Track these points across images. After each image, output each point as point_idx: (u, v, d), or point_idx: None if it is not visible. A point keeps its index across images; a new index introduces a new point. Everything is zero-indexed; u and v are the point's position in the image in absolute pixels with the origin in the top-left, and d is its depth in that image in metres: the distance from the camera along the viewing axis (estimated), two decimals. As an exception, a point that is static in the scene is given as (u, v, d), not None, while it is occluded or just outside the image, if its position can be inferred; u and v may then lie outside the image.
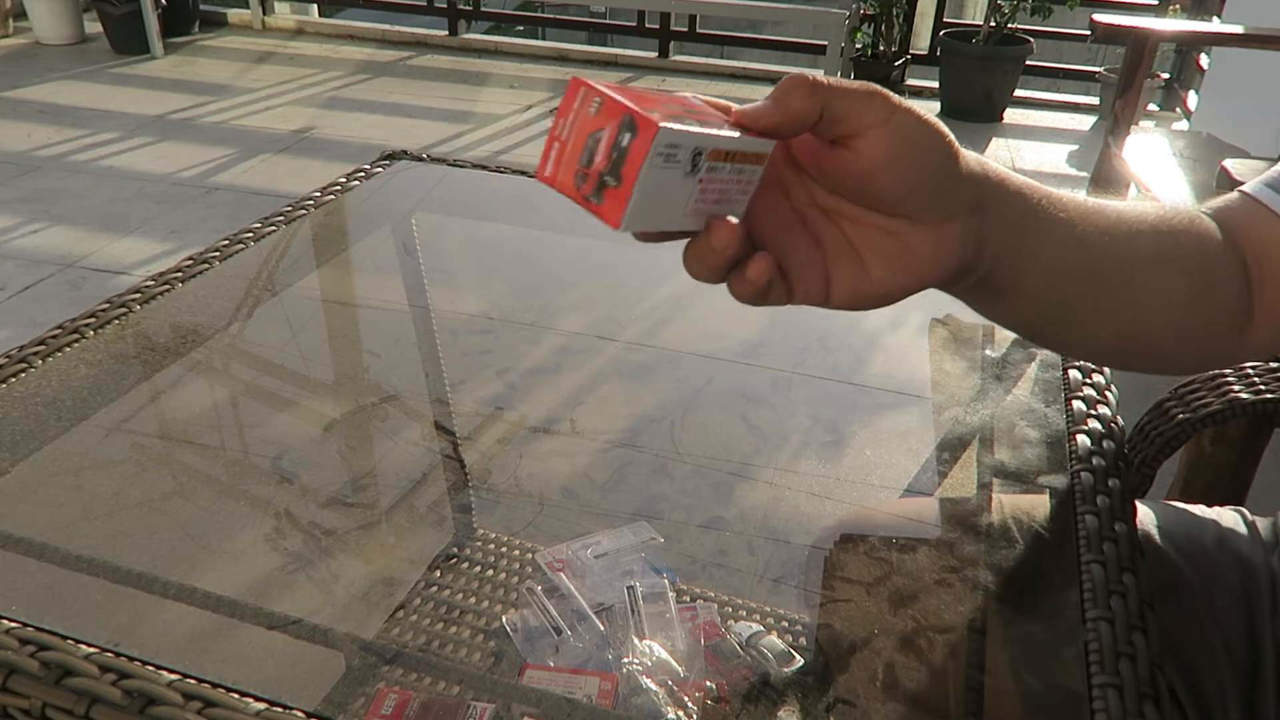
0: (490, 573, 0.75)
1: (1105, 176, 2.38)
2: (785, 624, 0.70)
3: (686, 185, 0.36)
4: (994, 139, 4.05)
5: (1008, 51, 4.12)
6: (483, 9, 5.13)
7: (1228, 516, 0.72)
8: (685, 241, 0.39)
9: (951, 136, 0.41)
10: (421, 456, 0.83)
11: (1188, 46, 3.81)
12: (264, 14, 5.24)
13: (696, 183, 0.36)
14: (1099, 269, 0.47)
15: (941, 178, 0.41)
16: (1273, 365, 0.89)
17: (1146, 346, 0.51)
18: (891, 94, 0.40)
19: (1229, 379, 0.89)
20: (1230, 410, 0.86)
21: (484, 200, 1.20)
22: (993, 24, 4.11)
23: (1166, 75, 4.24)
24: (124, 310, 0.84)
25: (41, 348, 0.77)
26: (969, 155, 0.43)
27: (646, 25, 4.90)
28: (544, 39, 5.71)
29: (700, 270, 0.39)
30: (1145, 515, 0.71)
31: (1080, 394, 0.77)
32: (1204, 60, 3.18)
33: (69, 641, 0.50)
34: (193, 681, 0.48)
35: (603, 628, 0.64)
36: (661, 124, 0.33)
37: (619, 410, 0.92)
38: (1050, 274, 0.46)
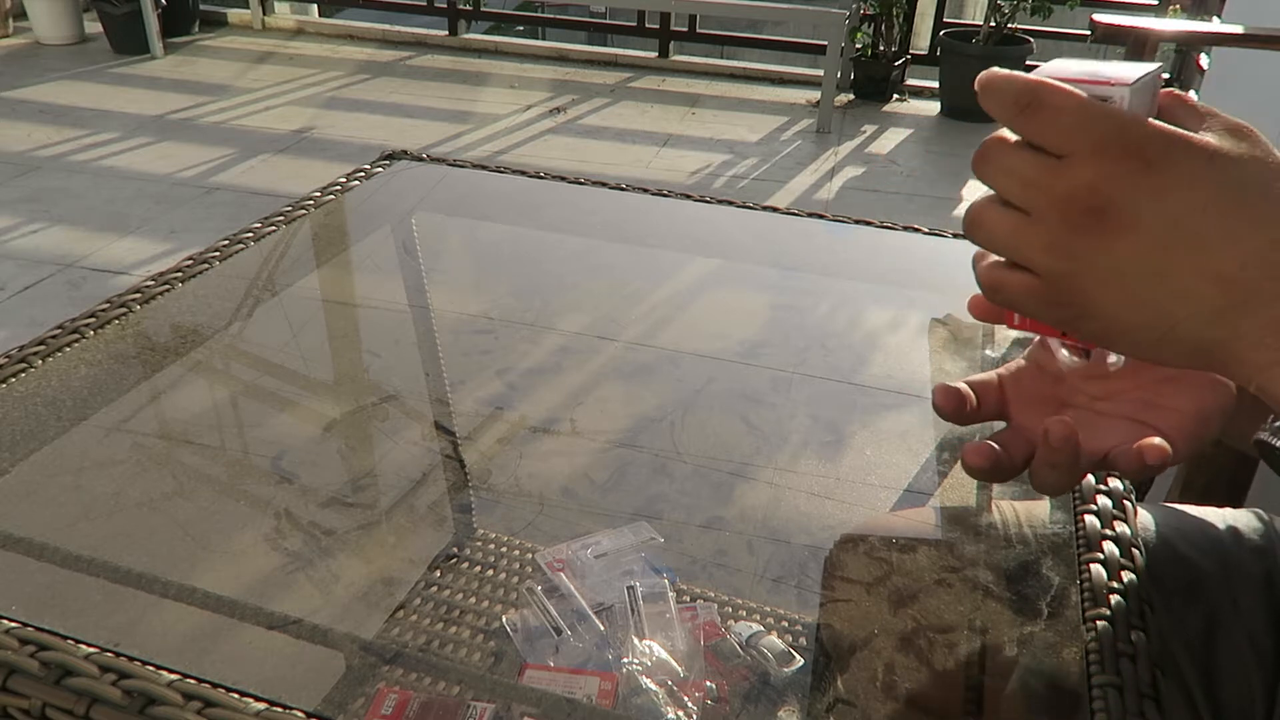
0: (490, 573, 0.75)
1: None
2: (785, 624, 0.70)
3: None
4: (994, 139, 4.04)
5: (1008, 51, 4.12)
6: (483, 9, 5.13)
7: (1243, 516, 0.72)
8: None
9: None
10: (421, 456, 0.83)
11: (1188, 46, 3.81)
12: (264, 14, 5.24)
13: None
14: None
15: None
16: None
17: None
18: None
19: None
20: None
21: (484, 200, 1.20)
22: (993, 24, 4.11)
23: (1166, 75, 4.24)
24: (124, 310, 0.84)
25: (41, 348, 0.77)
26: None
27: (646, 25, 4.91)
28: (544, 39, 5.71)
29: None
30: (1159, 518, 0.71)
31: (1080, 394, 0.77)
32: (1204, 60, 3.18)
33: (69, 641, 0.50)
34: (193, 681, 0.48)
35: (603, 628, 0.64)
36: None
37: (619, 410, 0.92)
38: None
